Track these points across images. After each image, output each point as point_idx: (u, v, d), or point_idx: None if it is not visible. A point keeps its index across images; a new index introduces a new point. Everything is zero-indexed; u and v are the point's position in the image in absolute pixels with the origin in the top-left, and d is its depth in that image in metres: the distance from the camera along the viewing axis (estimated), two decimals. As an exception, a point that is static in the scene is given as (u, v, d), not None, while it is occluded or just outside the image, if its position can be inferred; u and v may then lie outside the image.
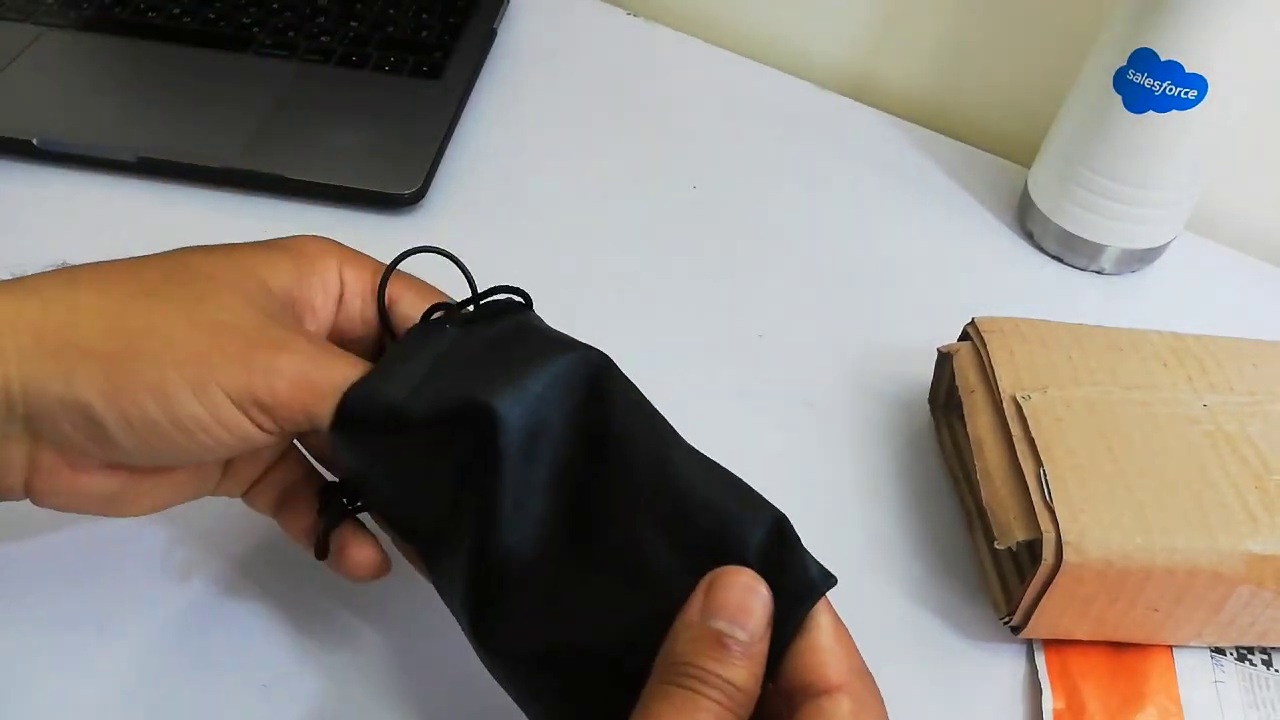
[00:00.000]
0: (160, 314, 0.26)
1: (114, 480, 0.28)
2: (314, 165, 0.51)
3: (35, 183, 0.50)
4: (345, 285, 0.30)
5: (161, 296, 0.26)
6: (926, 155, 0.60)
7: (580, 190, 0.55)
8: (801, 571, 0.25)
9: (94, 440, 0.26)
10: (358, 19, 0.61)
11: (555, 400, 0.28)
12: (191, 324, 0.26)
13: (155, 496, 0.29)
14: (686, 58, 0.65)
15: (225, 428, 0.26)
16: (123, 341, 0.25)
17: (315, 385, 0.26)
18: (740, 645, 0.24)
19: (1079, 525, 0.33)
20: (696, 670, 0.24)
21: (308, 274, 0.29)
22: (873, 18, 0.64)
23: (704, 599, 0.24)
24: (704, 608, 0.24)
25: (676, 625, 0.25)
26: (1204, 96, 0.45)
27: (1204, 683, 0.36)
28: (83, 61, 0.56)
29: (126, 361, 0.25)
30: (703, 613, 0.24)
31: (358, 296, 0.30)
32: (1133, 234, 0.51)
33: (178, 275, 0.27)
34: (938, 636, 0.37)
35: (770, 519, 0.26)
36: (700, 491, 0.26)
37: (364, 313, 0.30)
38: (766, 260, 0.52)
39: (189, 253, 0.28)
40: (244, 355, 0.26)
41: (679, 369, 0.46)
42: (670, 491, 0.27)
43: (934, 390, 0.44)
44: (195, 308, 0.26)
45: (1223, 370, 0.39)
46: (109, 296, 0.26)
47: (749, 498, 0.26)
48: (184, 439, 0.26)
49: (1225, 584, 0.33)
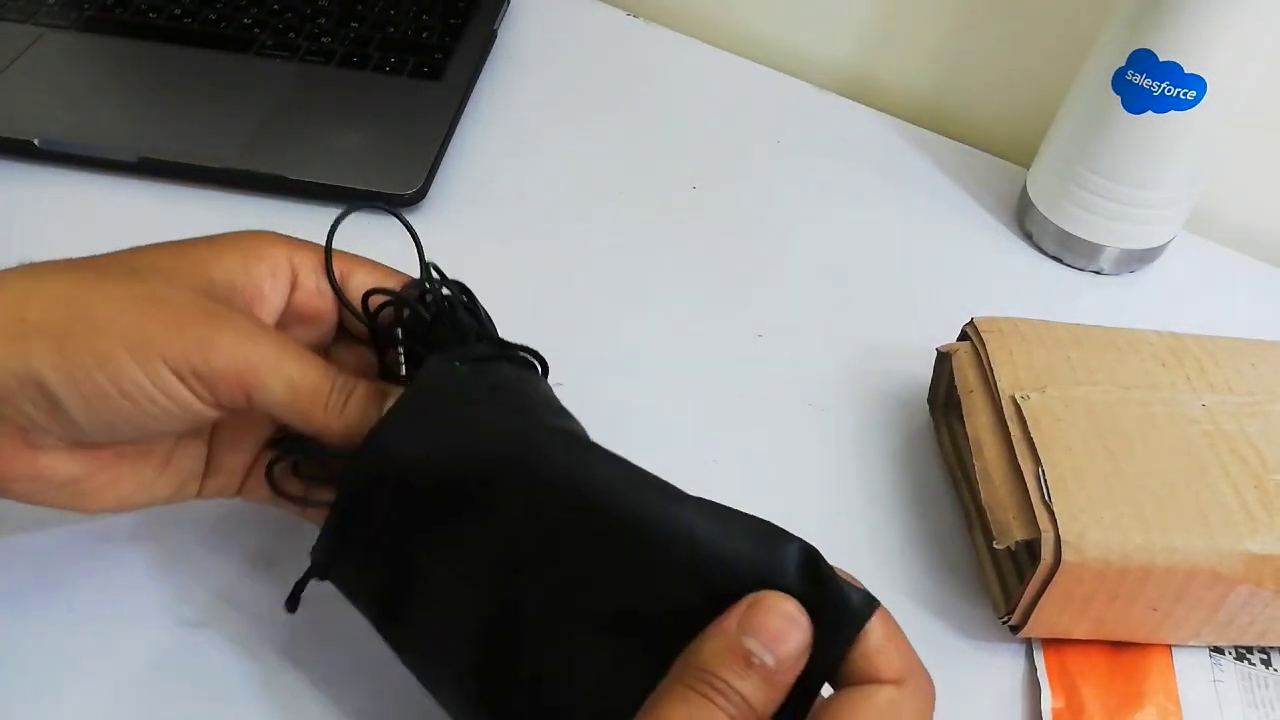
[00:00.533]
0: (106, 293, 0.27)
1: (75, 463, 0.29)
2: (314, 166, 0.51)
3: (36, 183, 0.50)
4: (297, 269, 0.31)
5: (109, 280, 0.28)
6: (926, 155, 0.60)
7: (580, 190, 0.55)
8: (841, 601, 0.26)
9: (50, 415, 0.27)
10: (358, 20, 0.61)
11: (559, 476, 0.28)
12: (135, 300, 0.27)
13: (120, 488, 0.30)
14: (686, 58, 0.65)
15: (167, 395, 0.27)
16: (72, 318, 0.27)
17: (252, 362, 0.28)
18: (765, 669, 0.24)
19: (1078, 525, 0.33)
20: (718, 681, 0.24)
21: (254, 263, 0.30)
22: (872, 19, 0.64)
23: (743, 614, 0.25)
24: (741, 622, 0.25)
25: (708, 631, 0.25)
26: (1203, 97, 0.45)
27: (1203, 682, 0.36)
28: (84, 62, 0.56)
29: (76, 336, 0.26)
30: (739, 627, 0.25)
31: (311, 275, 0.31)
32: (1131, 234, 0.51)
33: (127, 263, 0.29)
34: (937, 636, 0.37)
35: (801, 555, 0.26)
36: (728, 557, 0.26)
37: (320, 287, 0.32)
38: (766, 260, 0.52)
39: (140, 249, 0.30)
40: (182, 329, 0.27)
41: (679, 369, 0.46)
42: (701, 568, 0.26)
43: (933, 390, 0.44)
44: (140, 288, 0.28)
45: (1221, 370, 0.39)
46: (64, 281, 0.28)
47: (775, 538, 0.26)
48: (130, 407, 0.27)
49: (1224, 583, 0.33)
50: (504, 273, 0.49)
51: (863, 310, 0.50)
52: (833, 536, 0.34)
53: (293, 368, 0.28)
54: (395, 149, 0.53)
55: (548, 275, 0.50)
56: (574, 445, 0.28)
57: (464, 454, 0.28)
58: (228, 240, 0.31)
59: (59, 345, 0.26)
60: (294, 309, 0.32)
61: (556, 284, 0.49)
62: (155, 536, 0.37)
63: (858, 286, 0.51)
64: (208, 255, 0.30)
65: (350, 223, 0.36)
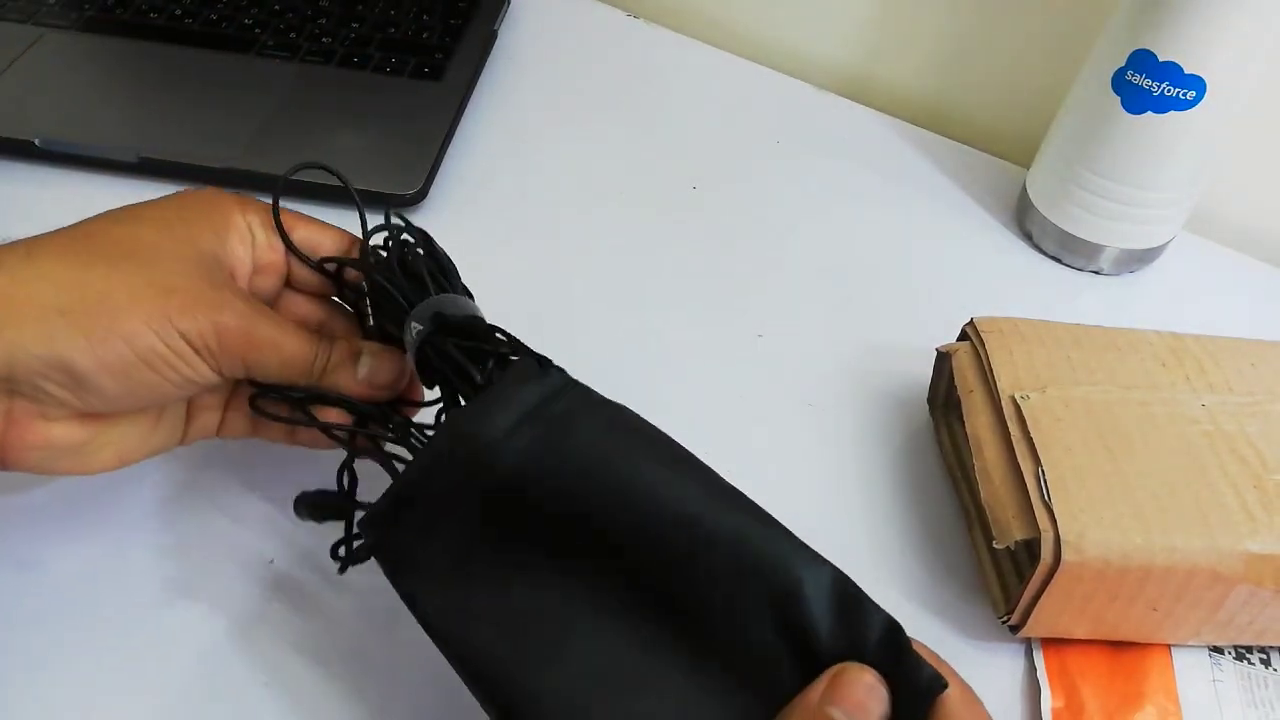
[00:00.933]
0: (121, 278, 0.30)
1: (84, 430, 0.31)
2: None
3: (37, 183, 0.50)
4: (252, 229, 0.35)
5: (116, 263, 0.31)
6: (925, 156, 0.60)
7: (580, 190, 0.55)
8: (917, 675, 0.27)
9: (72, 390, 0.30)
10: (359, 20, 0.61)
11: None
12: (150, 285, 0.30)
13: (121, 447, 0.33)
14: (686, 59, 0.65)
15: (186, 363, 0.31)
16: (93, 302, 0.29)
17: (254, 342, 0.32)
18: None
19: (1077, 525, 0.33)
20: None
21: (225, 233, 0.34)
22: (872, 19, 0.64)
23: (827, 685, 0.26)
24: (825, 693, 0.26)
25: (794, 703, 0.27)
26: (1202, 97, 0.45)
27: (1202, 681, 0.36)
28: (84, 62, 0.56)
29: (99, 317, 0.29)
30: (823, 698, 0.26)
31: (262, 231, 0.35)
32: (1131, 234, 0.51)
33: (124, 246, 0.31)
34: (936, 636, 0.37)
35: (885, 628, 0.27)
36: (819, 626, 0.27)
37: (271, 242, 0.35)
38: (766, 260, 0.52)
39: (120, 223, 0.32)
40: (195, 314, 0.31)
41: (679, 369, 0.46)
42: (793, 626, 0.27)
43: (933, 390, 0.44)
44: (150, 272, 0.31)
45: (1221, 370, 0.39)
46: (66, 264, 0.30)
47: (863, 608, 0.27)
48: (153, 376, 0.31)
49: (1224, 583, 0.33)
50: (504, 273, 0.49)
51: (863, 310, 0.50)
52: (833, 536, 0.34)
53: (286, 343, 0.33)
54: (396, 149, 0.53)
55: (548, 275, 0.50)
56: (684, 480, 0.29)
57: (561, 466, 0.29)
58: (191, 208, 0.33)
59: (84, 327, 0.29)
60: (253, 264, 0.35)
61: (557, 284, 0.49)
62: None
63: (858, 286, 0.51)
64: (184, 232, 0.32)
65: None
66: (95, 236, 0.31)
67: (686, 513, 0.28)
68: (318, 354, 0.33)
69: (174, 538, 0.37)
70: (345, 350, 0.34)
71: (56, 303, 0.29)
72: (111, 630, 0.35)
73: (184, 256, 0.32)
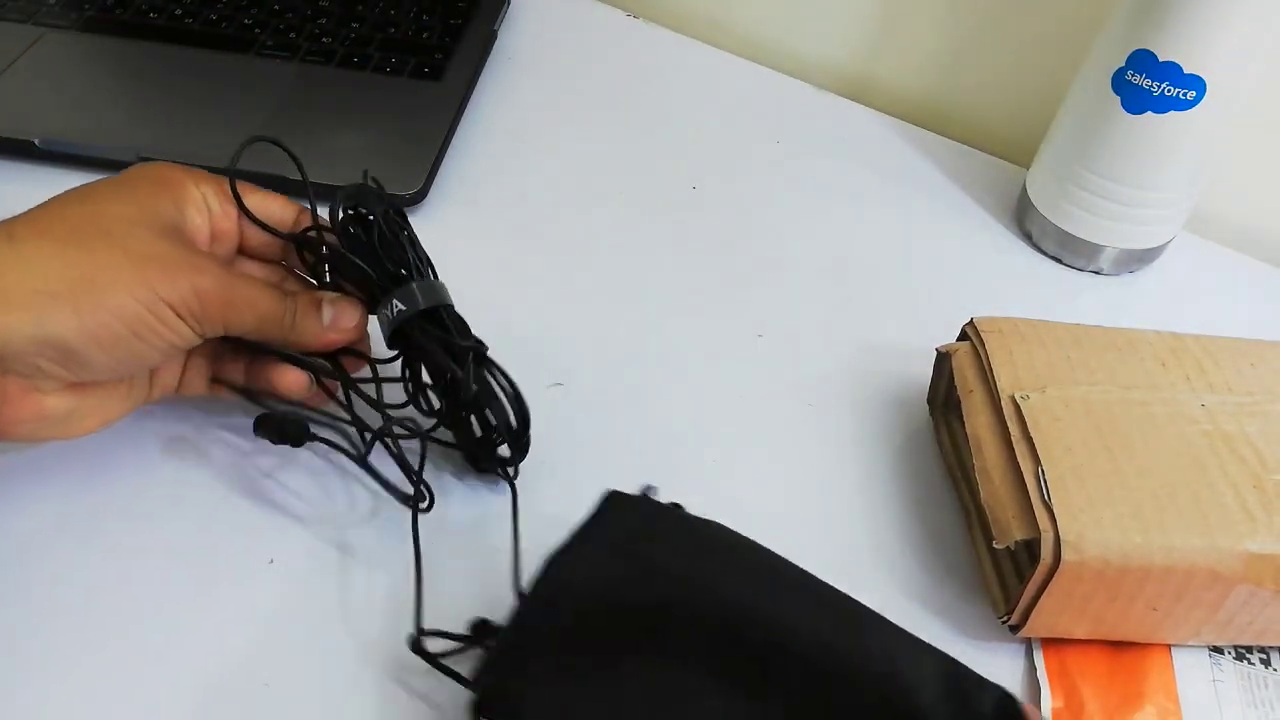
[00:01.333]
0: (102, 255, 0.32)
1: (73, 399, 0.34)
2: (315, 166, 0.50)
3: (37, 183, 0.50)
4: (207, 199, 0.37)
5: (93, 240, 0.32)
6: (925, 156, 0.60)
7: (580, 190, 0.55)
8: None
9: (65, 364, 0.32)
10: (359, 20, 0.61)
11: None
12: (128, 257, 0.32)
13: (105, 410, 0.35)
14: (686, 59, 0.65)
15: (173, 331, 0.33)
16: (79, 281, 0.31)
17: (233, 302, 0.34)
18: None
19: (1077, 525, 0.33)
20: None
21: (184, 204, 0.36)
22: (871, 19, 0.64)
23: None
24: None
25: None
26: (1202, 97, 0.45)
27: (1202, 681, 0.36)
28: (84, 62, 0.56)
29: (87, 295, 0.31)
30: None
31: (216, 200, 0.37)
32: (1131, 234, 0.51)
33: (97, 222, 0.33)
34: (936, 635, 0.37)
35: (996, 699, 0.28)
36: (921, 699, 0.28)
37: (225, 210, 0.38)
38: (766, 260, 0.52)
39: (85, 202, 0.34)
40: (175, 280, 0.33)
41: (679, 369, 0.46)
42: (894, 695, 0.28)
43: (933, 390, 0.44)
44: (126, 245, 0.33)
45: (1221, 370, 0.39)
46: (48, 246, 0.32)
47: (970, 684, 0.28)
48: (142, 345, 0.33)
49: (1223, 583, 0.33)
50: (504, 273, 0.49)
51: (863, 310, 0.50)
52: (832, 536, 0.35)
53: (260, 301, 0.35)
54: (396, 149, 0.53)
55: (548, 275, 0.50)
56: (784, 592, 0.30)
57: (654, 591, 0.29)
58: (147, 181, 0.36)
59: (74, 306, 0.31)
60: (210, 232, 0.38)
61: (557, 284, 0.49)
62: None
63: (857, 286, 0.51)
64: (149, 204, 0.35)
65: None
66: (69, 217, 0.33)
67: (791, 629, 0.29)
68: (286, 309, 0.36)
69: (174, 537, 0.37)
70: (309, 300, 0.37)
71: (46, 285, 0.31)
72: (111, 630, 0.35)
73: (152, 226, 0.34)
